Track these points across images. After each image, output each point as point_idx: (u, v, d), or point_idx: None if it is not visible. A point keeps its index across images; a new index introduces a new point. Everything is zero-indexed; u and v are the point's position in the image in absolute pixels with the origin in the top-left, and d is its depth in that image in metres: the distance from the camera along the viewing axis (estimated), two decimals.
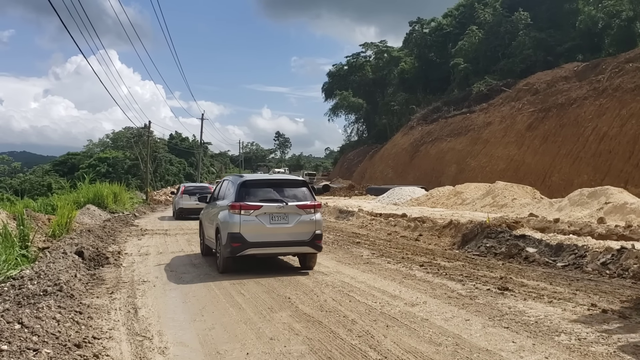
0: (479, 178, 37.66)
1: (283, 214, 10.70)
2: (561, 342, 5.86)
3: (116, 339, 6.17)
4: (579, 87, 37.23)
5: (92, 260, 11.56)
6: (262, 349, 5.79)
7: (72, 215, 17.25)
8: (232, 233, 10.42)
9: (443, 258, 12.59)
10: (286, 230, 10.66)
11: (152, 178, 58.48)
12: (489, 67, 54.95)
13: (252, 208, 10.56)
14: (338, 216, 25.95)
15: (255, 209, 10.56)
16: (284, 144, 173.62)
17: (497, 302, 7.86)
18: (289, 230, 10.67)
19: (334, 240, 16.49)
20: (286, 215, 10.72)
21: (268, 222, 10.58)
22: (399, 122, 74.48)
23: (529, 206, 21.98)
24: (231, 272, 10.72)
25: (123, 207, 30.77)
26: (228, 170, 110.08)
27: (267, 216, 10.60)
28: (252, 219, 10.52)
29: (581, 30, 47.09)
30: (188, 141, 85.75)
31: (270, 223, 10.60)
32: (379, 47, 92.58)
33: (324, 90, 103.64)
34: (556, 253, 11.50)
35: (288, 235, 10.68)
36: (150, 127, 51.22)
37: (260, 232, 10.52)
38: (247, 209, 10.55)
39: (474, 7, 60.73)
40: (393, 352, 5.62)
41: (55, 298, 7.16)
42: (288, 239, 10.71)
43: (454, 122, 53.03)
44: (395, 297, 8.27)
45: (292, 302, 8.04)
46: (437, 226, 16.90)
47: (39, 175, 68.82)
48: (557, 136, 35.54)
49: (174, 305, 7.98)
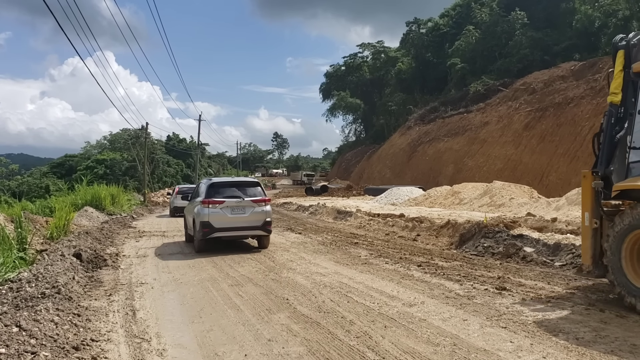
0: (477, 178, 37.70)
1: (241, 206, 14.44)
2: (559, 342, 5.87)
3: (114, 341, 6.18)
4: (576, 86, 37.28)
5: (90, 263, 11.57)
6: (261, 350, 5.80)
7: (70, 217, 17.25)
8: (203, 221, 14.05)
9: (441, 258, 12.60)
10: (243, 218, 14.37)
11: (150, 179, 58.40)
12: (486, 67, 55.00)
13: (218, 203, 14.20)
14: (336, 217, 25.95)
15: (220, 203, 14.21)
16: (282, 145, 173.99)
17: (495, 302, 7.87)
18: (246, 218, 14.38)
19: (332, 241, 16.50)
20: (243, 207, 14.45)
21: (230, 213, 14.26)
22: (396, 123, 74.54)
23: (527, 206, 21.99)
24: (205, 252, 14.33)
25: (121, 209, 30.76)
26: (226, 172, 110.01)
27: (229, 209, 14.28)
28: (218, 211, 14.13)
29: (578, 30, 47.17)
30: (185, 142, 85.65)
31: (231, 213, 14.28)
32: (376, 47, 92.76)
33: (322, 91, 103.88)
34: (554, 252, 11.51)
35: (245, 222, 14.38)
36: (147, 128, 51.22)
37: (223, 220, 14.17)
38: (214, 204, 14.17)
39: (470, 7, 60.82)
40: (391, 352, 5.63)
41: (54, 300, 7.16)
42: (245, 225, 14.42)
43: (451, 122, 53.09)
44: (393, 298, 8.27)
45: (290, 303, 8.04)
46: (435, 226, 16.92)
47: (36, 178, 68.62)
48: (555, 135, 35.59)
49: (172, 307, 7.99)
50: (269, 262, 12.32)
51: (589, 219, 8.09)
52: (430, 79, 67.39)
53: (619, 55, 8.03)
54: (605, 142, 8.02)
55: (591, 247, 8.05)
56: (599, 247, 7.97)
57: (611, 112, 8.04)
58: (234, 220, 14.29)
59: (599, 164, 8.03)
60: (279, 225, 22.94)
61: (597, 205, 7.99)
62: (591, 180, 8.05)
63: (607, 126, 8.05)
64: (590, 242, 8.08)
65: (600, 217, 7.99)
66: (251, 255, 13.52)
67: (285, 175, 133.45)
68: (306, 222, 24.72)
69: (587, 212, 8.12)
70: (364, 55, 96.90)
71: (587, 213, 8.11)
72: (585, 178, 8.17)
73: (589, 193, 8.09)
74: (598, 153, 8.23)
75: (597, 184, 7.94)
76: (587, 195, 8.15)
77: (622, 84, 7.98)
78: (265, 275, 10.62)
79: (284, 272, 10.95)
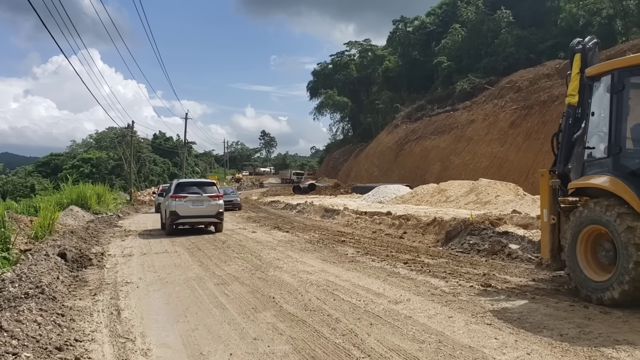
0: (463, 175, 37.86)
1: (200, 200, 19.06)
2: (543, 338, 5.90)
3: (98, 341, 6.13)
4: (561, 84, 37.25)
5: (75, 262, 11.47)
6: (246, 349, 5.78)
7: (55, 216, 17.12)
8: (171, 211, 18.75)
9: (427, 255, 12.64)
10: (202, 209, 19.07)
11: (136, 178, 58.10)
12: (472, 65, 55.24)
13: (182, 197, 18.80)
14: (324, 215, 25.96)
15: (184, 197, 18.81)
16: (270, 143, 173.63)
17: (480, 298, 7.90)
18: (203, 209, 19.09)
19: (319, 239, 16.50)
20: (202, 201, 19.09)
21: (191, 205, 18.89)
22: (383, 121, 74.71)
23: (512, 203, 22.13)
24: (172, 234, 18.72)
25: (107, 208, 30.57)
26: (212, 170, 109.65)
27: (190, 201, 18.89)
28: (182, 203, 18.76)
29: (563, 28, 47.46)
30: (172, 141, 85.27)
31: (192, 205, 18.91)
32: (363, 45, 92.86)
33: (309, 89, 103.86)
34: (539, 249, 11.57)
35: (203, 212, 19.11)
36: (133, 127, 50.89)
37: (187, 210, 18.83)
38: (180, 198, 18.76)
39: (456, 6, 61.02)
40: (376, 350, 5.63)
41: (37, 301, 7.09)
42: (203, 214, 19.18)
43: (438, 120, 53.29)
44: (379, 295, 8.28)
45: (276, 301, 8.03)
46: (421, 224, 16.97)
47: (21, 177, 68.11)
48: (540, 133, 35.79)
49: (157, 307, 7.94)
50: (255, 261, 12.29)
51: (547, 215, 8.56)
52: (417, 77, 67.56)
53: (576, 59, 8.58)
54: (564, 141, 8.43)
55: (549, 241, 8.47)
56: (557, 241, 8.34)
57: (569, 113, 8.47)
58: (195, 210, 18.93)
59: (558, 163, 8.46)
60: (266, 224, 22.93)
61: (554, 202, 8.41)
62: (548, 179, 8.54)
63: (565, 126, 8.47)
64: (548, 237, 8.52)
65: (557, 213, 8.40)
66: (238, 254, 13.49)
67: (273, 173, 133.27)
68: (294, 221, 24.71)
69: (545, 208, 8.62)
70: (351, 53, 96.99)
71: (545, 209, 8.59)
72: (543, 177, 8.69)
73: (547, 191, 8.57)
74: (557, 152, 8.69)
75: (554, 182, 8.37)
76: (545, 193, 8.64)
77: (578, 86, 8.45)
78: (251, 273, 10.60)
79: (271, 270, 10.93)
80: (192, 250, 14.66)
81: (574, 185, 7.95)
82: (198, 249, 14.91)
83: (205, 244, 16.03)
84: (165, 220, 19.62)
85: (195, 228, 20.15)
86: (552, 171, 8.57)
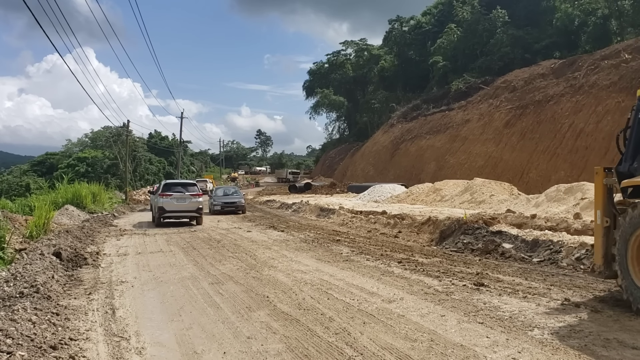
0: (458, 175, 37.92)
1: (183, 197, 22.63)
2: (534, 337, 5.97)
3: (93, 340, 6.16)
4: (556, 84, 37.65)
5: (70, 261, 11.48)
6: (240, 348, 5.82)
7: (50, 215, 17.08)
8: (159, 206, 22.46)
9: (421, 254, 12.70)
10: (185, 205, 22.67)
11: (132, 177, 58.01)
12: (468, 65, 55.33)
13: (168, 195, 22.44)
14: (319, 214, 26.01)
15: (169, 195, 22.46)
16: (265, 142, 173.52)
17: (473, 297, 7.97)
18: (186, 205, 22.70)
19: (314, 239, 16.54)
20: (185, 198, 22.63)
21: (176, 201, 22.49)
22: (379, 120, 74.76)
23: (507, 202, 22.19)
24: (160, 226, 22.22)
25: (102, 207, 30.51)
26: (208, 169, 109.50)
27: (175, 199, 22.47)
28: (169, 200, 22.36)
29: (558, 28, 47.63)
30: (167, 140, 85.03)
31: (177, 202, 22.50)
32: (359, 45, 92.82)
33: (305, 88, 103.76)
34: (532, 249, 11.66)
35: (186, 207, 22.76)
36: (129, 126, 50.83)
37: (172, 206, 22.43)
38: (166, 196, 22.42)
39: (452, 5, 61.10)
40: (369, 348, 5.68)
41: (32, 300, 7.12)
42: (186, 209, 22.84)
43: (433, 120, 53.35)
44: (373, 294, 8.33)
45: (270, 300, 8.07)
46: (416, 223, 17.03)
47: (16, 176, 67.84)
48: (535, 133, 35.91)
49: (152, 306, 7.97)
50: (250, 260, 12.33)
51: (600, 217, 7.59)
52: (412, 76, 67.64)
53: None
54: (632, 137, 7.49)
55: (602, 246, 7.57)
56: (610, 246, 7.49)
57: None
58: (179, 206, 22.63)
59: (624, 161, 7.50)
60: (261, 223, 22.95)
61: (609, 203, 7.56)
62: (603, 177, 7.57)
63: (635, 121, 7.51)
64: (601, 241, 7.59)
65: (612, 215, 7.51)
66: (233, 254, 13.52)
67: (269, 172, 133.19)
68: (289, 220, 24.74)
69: (598, 209, 7.65)
70: (347, 52, 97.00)
71: (599, 211, 7.62)
72: (597, 175, 7.69)
73: (601, 190, 7.60)
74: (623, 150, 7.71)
75: (609, 181, 7.51)
76: (599, 193, 7.67)
77: None
78: (246, 273, 10.63)
79: (265, 269, 10.97)
80: (187, 249, 14.68)
81: (627, 183, 7.07)
82: (193, 248, 14.93)
83: (201, 243, 16.05)
84: (154, 214, 23.42)
85: (181, 222, 23.43)
86: (607, 169, 7.59)
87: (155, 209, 23.01)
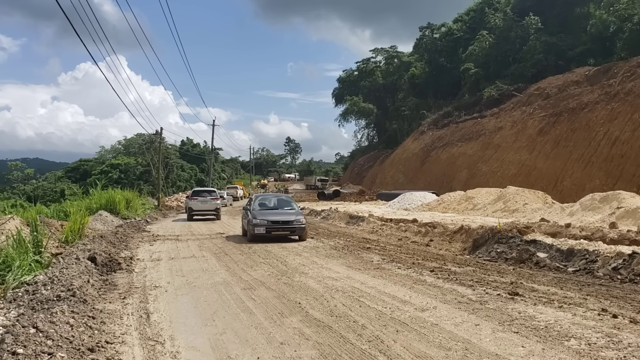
0: (490, 183, 37.54)
1: (205, 201, 30.93)
2: (571, 347, 5.86)
3: (129, 344, 6.24)
4: (591, 91, 37.06)
5: (104, 266, 11.66)
6: (273, 353, 5.84)
7: (85, 221, 17.39)
8: (189, 207, 31.18)
9: (454, 263, 12.58)
10: (207, 206, 30.95)
11: (164, 184, 58.74)
12: (500, 72, 54.87)
13: (195, 199, 30.96)
14: (348, 221, 25.97)
15: (196, 199, 30.95)
16: (294, 150, 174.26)
17: (507, 307, 7.86)
18: (208, 207, 30.97)
19: (344, 246, 16.52)
20: (206, 201, 30.94)
21: (200, 203, 30.79)
22: (409, 127, 74.55)
23: (541, 211, 21.89)
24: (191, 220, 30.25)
25: (135, 213, 30.95)
26: (239, 176, 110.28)
27: (199, 201, 30.81)
28: (195, 203, 30.78)
29: (592, 34, 46.89)
30: (199, 147, 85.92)
31: (201, 204, 30.81)
32: (389, 52, 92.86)
33: (334, 96, 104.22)
34: (567, 258, 11.46)
35: (207, 208, 30.99)
36: (162, 133, 51.52)
37: (198, 206, 30.80)
38: (194, 199, 31.00)
39: (484, 12, 60.76)
40: (402, 356, 5.65)
41: (69, 303, 7.25)
42: (207, 209, 31.06)
43: (465, 127, 52.97)
44: (405, 303, 8.28)
45: (302, 307, 8.08)
46: (448, 231, 16.88)
47: (51, 182, 69.21)
48: (569, 141, 35.39)
49: (186, 310, 8.04)
50: (281, 267, 12.37)
51: None
52: (443, 83, 67.36)
53: None
54: None
55: None
56: None
57: None
58: (202, 207, 30.80)
59: None
60: None
61: None
62: None
63: None
64: None
65: None
66: (264, 260, 13.58)
67: (297, 179, 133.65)
68: (318, 227, 24.75)
69: None
70: (377, 60, 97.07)
71: None
72: None
73: None
74: None
75: None
76: None
77: None
78: (277, 279, 10.67)
79: (297, 276, 10.99)
80: (219, 255, 14.80)
81: None
82: (225, 253, 15.04)
83: (232, 249, 16.16)
84: (187, 213, 31.76)
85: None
86: None
87: (187, 209, 32.01)
